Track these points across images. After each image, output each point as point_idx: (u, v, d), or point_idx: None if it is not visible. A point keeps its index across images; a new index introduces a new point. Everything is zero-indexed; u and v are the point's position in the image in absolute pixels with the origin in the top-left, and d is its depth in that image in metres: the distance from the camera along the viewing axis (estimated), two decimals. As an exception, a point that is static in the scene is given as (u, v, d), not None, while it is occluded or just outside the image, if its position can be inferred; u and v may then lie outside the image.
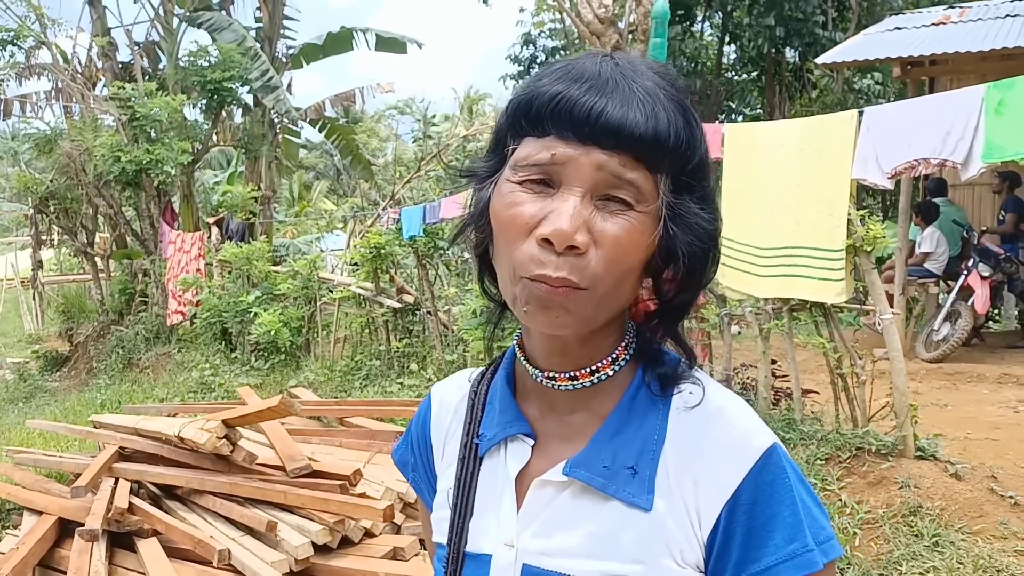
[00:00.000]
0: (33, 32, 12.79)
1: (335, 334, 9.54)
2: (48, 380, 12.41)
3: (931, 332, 8.46)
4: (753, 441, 0.94)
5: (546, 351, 1.00)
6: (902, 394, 4.64)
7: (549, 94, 0.89)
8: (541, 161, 0.89)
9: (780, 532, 0.91)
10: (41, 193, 13.78)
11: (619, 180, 0.87)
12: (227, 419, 4.78)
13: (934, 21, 10.43)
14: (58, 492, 5.30)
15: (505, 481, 1.03)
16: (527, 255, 0.88)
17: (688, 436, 0.96)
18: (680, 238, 0.91)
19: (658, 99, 0.89)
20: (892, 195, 13.91)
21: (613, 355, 0.99)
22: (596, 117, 0.86)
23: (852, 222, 4.61)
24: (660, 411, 0.98)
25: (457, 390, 1.16)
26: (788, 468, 0.95)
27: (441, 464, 1.14)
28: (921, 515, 4.23)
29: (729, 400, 0.99)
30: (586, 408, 1.01)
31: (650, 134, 0.87)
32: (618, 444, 0.97)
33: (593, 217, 0.87)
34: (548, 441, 1.02)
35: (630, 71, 0.91)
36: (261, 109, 14.48)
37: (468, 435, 1.08)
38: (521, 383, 1.07)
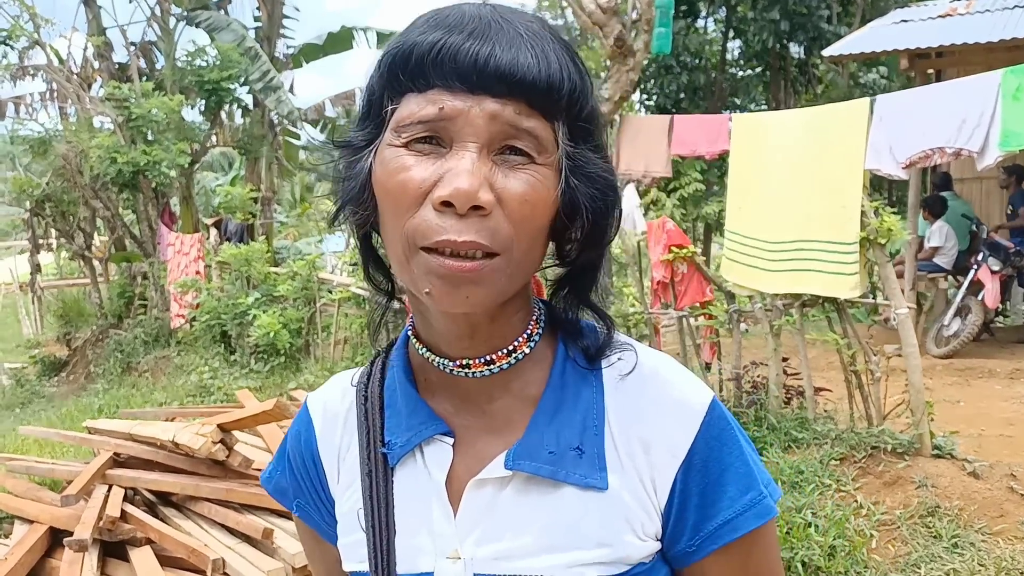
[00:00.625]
0: (26, 32, 12.67)
1: (335, 335, 9.44)
2: (46, 385, 12.30)
3: (941, 327, 8.35)
4: (695, 398, 0.90)
5: (452, 335, 0.89)
6: (918, 391, 4.51)
7: (428, 42, 0.79)
8: (427, 117, 0.79)
9: (733, 484, 0.89)
10: (37, 196, 13.67)
11: (516, 130, 0.79)
12: (222, 423, 4.66)
13: (941, 13, 10.30)
14: (50, 500, 5.16)
15: (431, 489, 0.91)
16: (424, 223, 0.78)
17: (629, 404, 0.91)
18: (582, 191, 0.84)
19: (547, 41, 0.81)
20: (898, 189, 13.80)
21: (528, 332, 0.92)
22: (484, 62, 0.78)
23: (865, 214, 4.48)
24: (593, 384, 0.92)
25: (341, 398, 1.02)
26: (729, 418, 0.92)
27: (338, 487, 1.00)
28: (939, 515, 4.12)
29: (661, 361, 0.94)
30: (508, 393, 0.92)
31: (543, 77, 0.79)
32: (558, 425, 0.90)
33: (494, 174, 0.79)
34: (470, 437, 0.92)
35: (510, 14, 0.83)
36: (261, 110, 14.37)
37: (370, 446, 0.95)
38: (422, 377, 0.96)
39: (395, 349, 1.00)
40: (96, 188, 12.87)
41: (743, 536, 0.89)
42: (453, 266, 0.78)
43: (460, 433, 0.93)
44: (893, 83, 15.87)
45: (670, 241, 5.94)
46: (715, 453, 0.89)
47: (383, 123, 0.84)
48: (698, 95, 16.90)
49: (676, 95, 16.64)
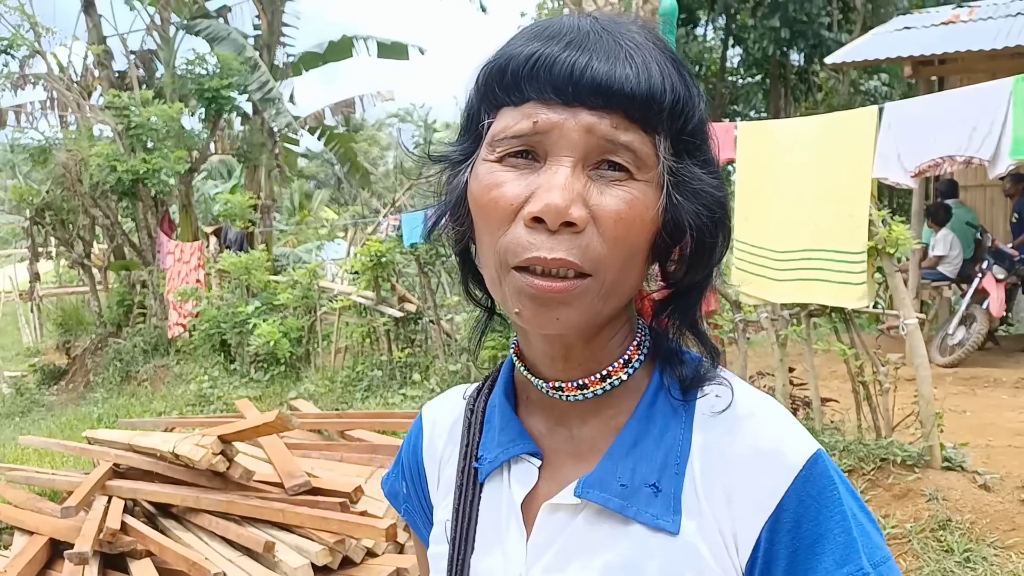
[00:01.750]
0: (27, 41, 12.65)
1: (336, 344, 9.39)
2: (45, 394, 12.25)
3: (946, 336, 8.31)
4: (794, 448, 0.82)
5: (547, 357, 0.87)
6: (928, 402, 4.47)
7: (524, 54, 0.78)
8: (522, 132, 0.77)
9: (830, 554, 0.78)
10: (37, 204, 13.65)
11: (613, 144, 0.76)
12: (223, 434, 4.61)
13: (943, 20, 10.32)
14: (50, 511, 5.12)
15: (510, 508, 0.90)
16: (515, 240, 0.76)
17: (717, 446, 0.83)
18: (686, 208, 0.79)
19: (648, 51, 0.78)
20: (900, 196, 13.77)
21: (625, 356, 0.87)
22: (580, 73, 0.75)
23: (873, 223, 4.44)
24: (683, 418, 0.85)
25: (451, 409, 1.03)
26: (836, 478, 0.82)
27: (437, 494, 1.01)
28: (951, 529, 4.07)
29: (762, 403, 0.86)
30: (598, 419, 0.88)
31: (643, 88, 0.75)
32: (637, 458, 0.84)
33: (588, 190, 0.76)
34: (557, 460, 0.90)
35: (612, 25, 0.80)
36: (260, 118, 14.35)
37: (466, 459, 0.95)
38: (523, 395, 0.94)
39: (504, 366, 0.98)
40: (96, 196, 12.85)
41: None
42: (542, 286, 0.75)
43: (549, 455, 0.90)
44: (895, 90, 15.86)
45: (675, 250, 5.90)
46: (811, 514, 0.79)
47: (480, 137, 0.83)
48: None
49: (677, 103, 16.65)
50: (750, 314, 5.58)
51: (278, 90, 13.57)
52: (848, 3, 16.49)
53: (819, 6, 15.14)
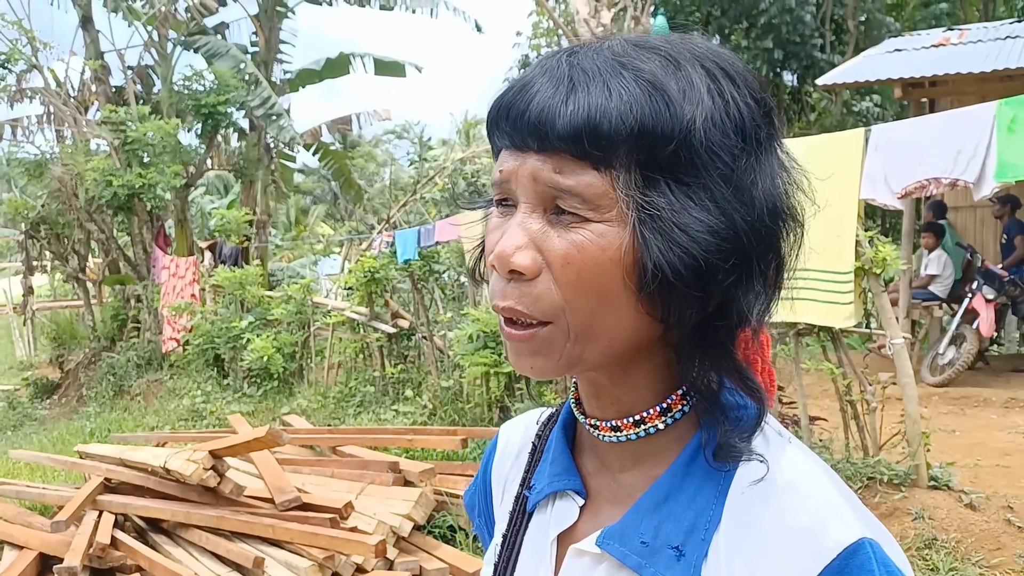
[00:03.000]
0: (24, 55, 12.71)
1: (329, 360, 9.39)
2: (38, 408, 12.23)
3: (936, 356, 8.34)
4: (831, 532, 0.70)
5: (584, 392, 0.85)
6: (914, 421, 4.50)
7: (496, 100, 0.76)
8: (495, 180, 0.77)
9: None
10: (32, 218, 13.67)
11: (557, 190, 0.71)
12: (214, 450, 4.63)
13: (934, 43, 10.41)
14: (40, 525, 5.11)
15: (545, 544, 0.87)
16: (492, 286, 0.76)
17: (747, 517, 0.74)
18: (652, 245, 0.70)
19: (604, 76, 0.70)
20: (891, 217, 13.84)
21: (664, 404, 0.80)
22: (522, 116, 0.72)
23: (860, 243, 4.48)
24: (720, 481, 0.77)
25: (524, 431, 1.01)
26: (883, 571, 0.69)
27: (499, 511, 1.00)
28: (936, 548, 4.09)
29: (806, 473, 0.76)
30: (638, 467, 0.82)
31: (578, 123, 0.68)
32: (664, 515, 0.77)
33: (546, 234, 0.72)
34: (599, 502, 0.86)
35: (584, 52, 0.74)
36: (257, 133, 14.40)
37: (522, 485, 0.94)
38: (580, 431, 0.91)
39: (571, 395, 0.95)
40: (91, 210, 12.87)
41: None
42: (509, 333, 0.76)
43: (593, 496, 0.86)
44: (887, 111, 15.97)
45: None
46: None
47: None
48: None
49: (671, 122, 16.74)
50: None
51: (280, 106, 13.63)
52: (840, 25, 16.63)
53: (812, 28, 15.26)
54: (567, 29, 8.00)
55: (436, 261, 8.16)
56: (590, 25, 7.06)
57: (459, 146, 21.09)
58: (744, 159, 0.72)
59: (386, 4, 15.05)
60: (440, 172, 14.77)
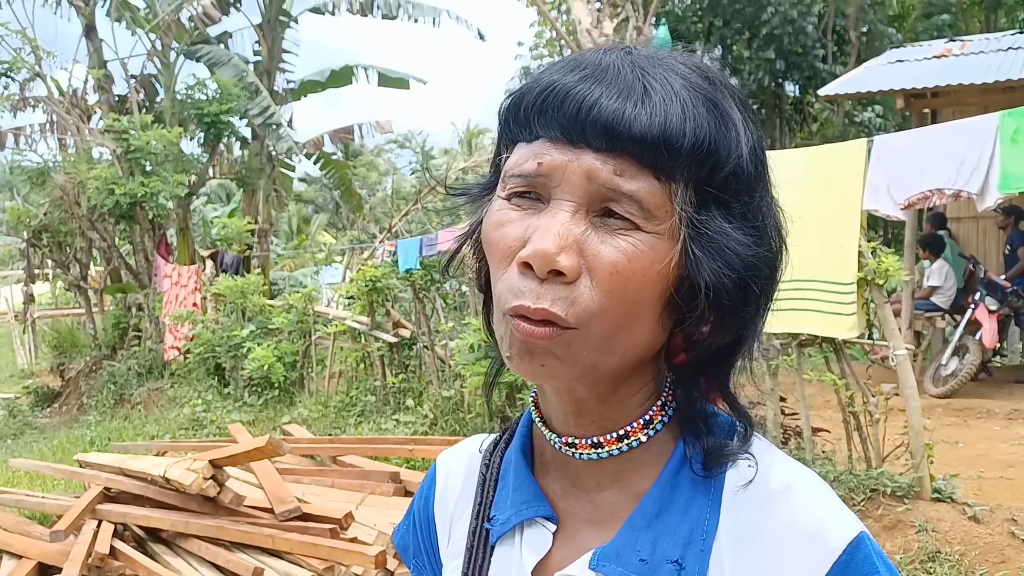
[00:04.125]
0: (28, 64, 12.74)
1: (330, 369, 9.39)
2: (38, 416, 12.21)
3: (939, 367, 8.33)
4: (833, 532, 0.74)
5: (560, 410, 0.81)
6: (918, 433, 4.48)
7: (538, 88, 0.73)
8: (527, 172, 0.72)
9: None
10: (34, 226, 13.68)
11: (614, 193, 0.69)
12: (214, 459, 4.61)
13: (936, 54, 10.42)
14: (39, 535, 5.10)
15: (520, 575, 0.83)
16: (508, 284, 0.71)
17: (748, 523, 0.76)
18: (705, 265, 0.71)
19: (672, 89, 0.70)
20: (894, 228, 13.84)
21: (646, 416, 0.79)
22: (587, 111, 0.69)
23: (863, 254, 4.48)
24: (711, 490, 0.78)
25: (466, 462, 0.96)
26: (879, 564, 0.74)
27: (447, 552, 0.94)
28: (940, 560, 4.07)
29: (800, 477, 0.78)
30: (617, 484, 0.81)
31: (655, 130, 0.68)
32: (659, 531, 0.77)
33: (588, 237, 0.70)
34: (573, 525, 0.83)
35: (642, 60, 0.73)
36: (259, 142, 14.42)
37: (478, 518, 0.89)
38: (539, 453, 0.88)
39: (523, 418, 0.92)
40: (93, 219, 12.88)
41: None
42: (526, 329, 0.70)
43: (564, 519, 0.84)
44: (889, 121, 15.98)
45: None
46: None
47: (500, 172, 0.79)
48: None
49: (673, 132, 16.76)
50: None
51: (279, 115, 13.65)
52: (842, 36, 16.66)
53: (814, 38, 15.28)
54: (570, 39, 8.01)
55: (437, 270, 8.14)
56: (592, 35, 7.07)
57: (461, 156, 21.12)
58: (767, 188, 0.77)
59: (389, 14, 15.09)
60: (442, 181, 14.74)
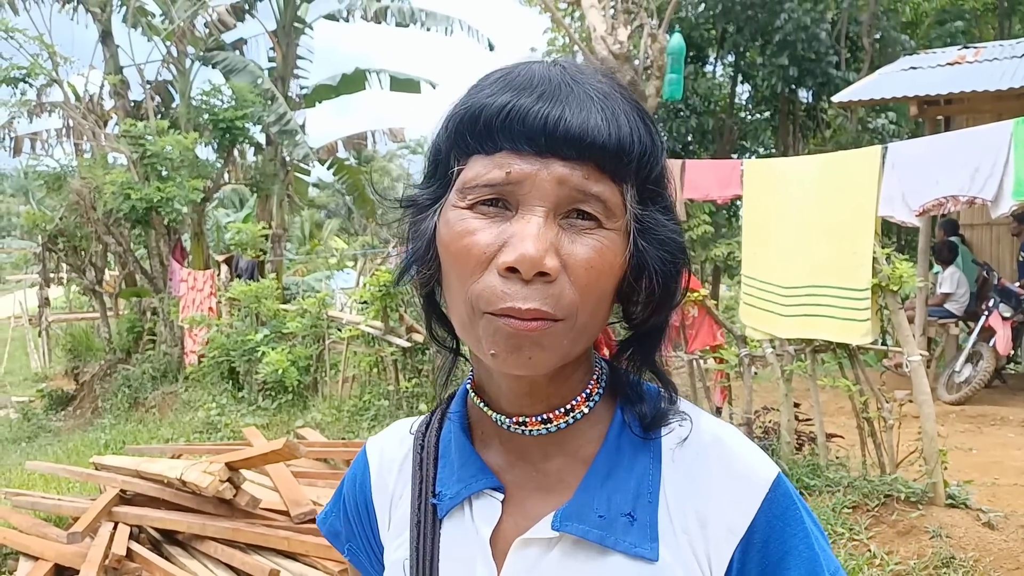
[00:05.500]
0: (45, 69, 12.82)
1: (343, 373, 9.40)
2: (53, 419, 12.27)
3: (953, 373, 8.30)
4: (759, 472, 0.86)
5: (512, 393, 0.87)
6: (931, 439, 4.48)
7: (497, 105, 0.78)
8: (494, 181, 0.78)
9: (796, 569, 0.83)
10: (50, 231, 13.76)
11: (584, 194, 0.78)
12: (230, 462, 4.63)
13: (949, 61, 10.40)
14: (55, 537, 5.12)
15: (476, 545, 0.89)
16: (489, 288, 0.77)
17: (687, 473, 0.86)
18: (651, 254, 0.82)
19: (617, 103, 0.80)
20: (907, 234, 13.79)
21: (587, 391, 0.89)
22: (555, 126, 0.76)
23: (877, 260, 4.48)
24: (651, 451, 0.88)
25: (399, 445, 1.01)
26: (795, 497, 0.87)
27: (388, 533, 0.98)
28: (954, 567, 4.06)
29: (725, 430, 0.90)
30: (563, 453, 0.89)
31: (614, 141, 0.78)
32: (611, 489, 0.86)
33: (560, 239, 0.77)
34: (521, 494, 0.90)
35: (580, 75, 0.81)
36: (273, 148, 14.49)
37: (421, 496, 0.94)
38: (478, 430, 0.94)
39: (455, 400, 0.99)
40: (109, 224, 12.95)
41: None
42: (517, 324, 0.76)
43: (511, 490, 0.91)
44: (902, 128, 15.94)
45: (681, 284, 5.92)
46: (777, 533, 0.84)
47: (449, 183, 0.83)
48: (707, 138, 16.98)
49: (684, 138, 16.74)
50: (755, 349, 5.60)
51: (295, 122, 13.71)
52: (856, 42, 16.62)
53: (827, 45, 15.26)
54: (583, 46, 8.03)
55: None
56: (607, 42, 7.08)
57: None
58: None
59: (402, 21, 15.15)
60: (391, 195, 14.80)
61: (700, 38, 16.19)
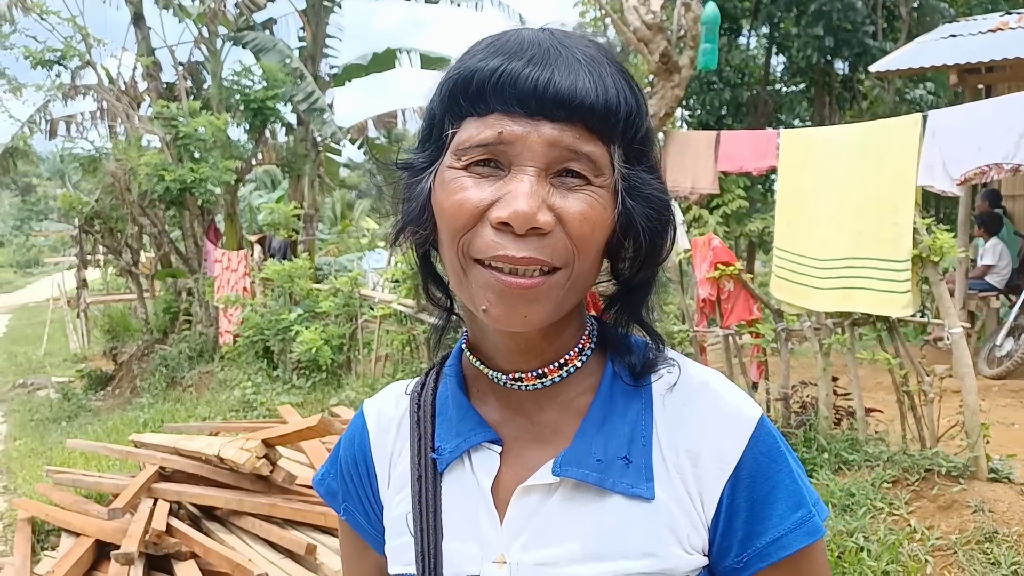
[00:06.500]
0: (79, 52, 12.90)
1: (376, 352, 9.44)
2: (92, 399, 12.44)
3: (994, 347, 8.16)
4: (745, 412, 0.92)
5: (507, 350, 0.92)
6: (973, 412, 4.40)
7: (488, 68, 0.82)
8: (487, 141, 0.82)
9: (783, 501, 0.89)
10: (86, 213, 13.90)
11: (574, 154, 0.82)
12: (267, 439, 4.67)
13: (991, 28, 10.12)
14: (96, 513, 5.20)
15: (478, 495, 0.94)
16: (481, 239, 0.82)
17: (677, 416, 0.92)
18: (638, 211, 0.86)
19: (603, 66, 0.84)
20: (946, 206, 13.56)
21: (579, 346, 0.94)
22: (544, 88, 0.80)
23: (917, 231, 4.39)
24: (642, 397, 0.94)
25: (395, 405, 1.06)
26: (777, 435, 0.93)
27: (388, 491, 1.03)
28: (997, 541, 3.99)
29: (710, 375, 0.96)
30: (557, 404, 0.94)
31: (601, 103, 0.82)
32: (606, 435, 0.92)
33: (551, 195, 0.81)
34: (518, 446, 0.95)
35: (567, 40, 0.85)
36: (304, 128, 14.51)
37: (421, 452, 0.98)
38: (474, 387, 1.00)
39: (449, 360, 1.03)
40: (144, 205, 13.07)
41: (792, 555, 0.89)
42: (511, 282, 0.80)
43: (508, 443, 0.95)
44: (941, 99, 15.61)
45: (716, 258, 5.86)
46: (764, 469, 0.90)
47: (443, 146, 0.87)
48: (741, 111, 16.74)
49: (718, 111, 16.52)
50: (793, 323, 5.52)
51: (323, 100, 13.71)
52: (893, 11, 16.27)
53: (863, 14, 14.94)
54: (616, 17, 7.92)
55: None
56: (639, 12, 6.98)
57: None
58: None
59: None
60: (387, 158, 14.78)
61: (734, 9, 15.90)
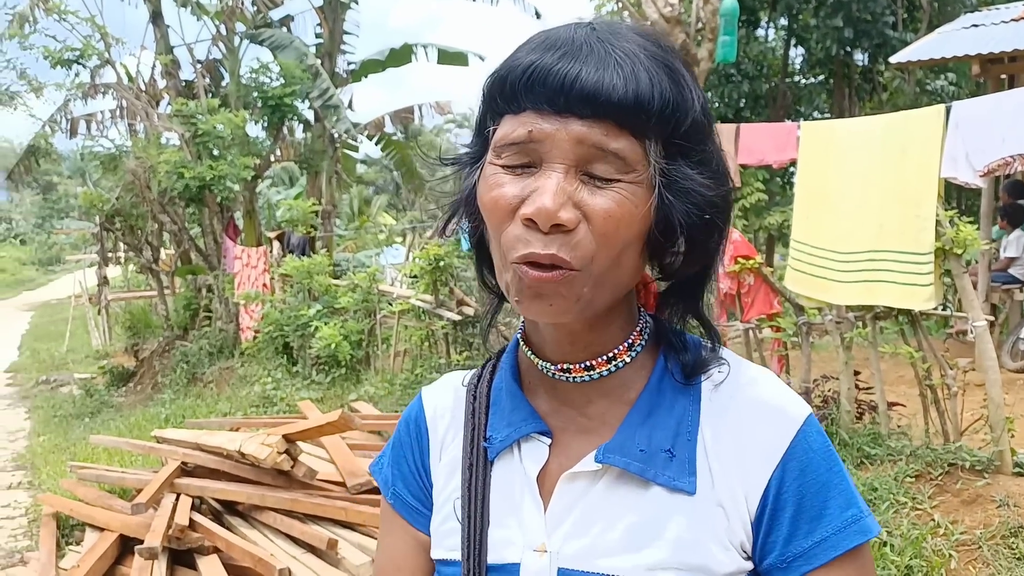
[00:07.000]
0: (97, 51, 12.98)
1: (395, 347, 9.45)
2: (114, 395, 12.53)
3: (1017, 340, 8.09)
4: (793, 408, 0.92)
5: (555, 341, 0.94)
6: (997, 406, 4.36)
7: (521, 67, 0.84)
8: (518, 139, 0.84)
9: (835, 500, 0.88)
10: (107, 211, 13.99)
11: (602, 152, 0.82)
12: (288, 434, 4.68)
13: (1013, 17, 10.01)
14: (120, 508, 5.24)
15: (524, 483, 0.96)
16: (513, 236, 0.84)
17: (723, 411, 0.92)
18: (676, 207, 0.85)
19: (638, 59, 0.83)
20: (968, 197, 13.43)
21: (629, 340, 0.95)
22: (570, 85, 0.81)
23: (940, 223, 4.35)
24: (691, 395, 0.94)
25: (452, 394, 1.09)
26: (823, 436, 0.93)
27: (439, 465, 1.06)
28: (1023, 536, 3.95)
29: (761, 372, 0.96)
30: (606, 398, 0.96)
31: (630, 97, 0.81)
32: (651, 427, 0.92)
33: (579, 192, 0.82)
34: (565, 437, 0.97)
35: (607, 34, 0.85)
36: (322, 125, 14.55)
37: (474, 440, 1.01)
38: (527, 378, 1.01)
39: (506, 352, 1.05)
40: (163, 202, 13.15)
41: (842, 556, 0.88)
42: (533, 275, 0.82)
43: (557, 434, 0.96)
44: (962, 90, 15.46)
45: (736, 252, 5.84)
46: (815, 464, 0.89)
47: (487, 142, 0.90)
48: (760, 103, 16.66)
49: (737, 104, 16.44)
50: (814, 317, 5.49)
51: (338, 97, 13.73)
52: (913, 1, 16.13)
53: (883, 5, 14.82)
54: (634, 10, 7.88)
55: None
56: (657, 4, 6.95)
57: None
58: (715, 137, 0.90)
59: (448, -8, 15.05)
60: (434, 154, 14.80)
61: (752, 0, 15.83)
